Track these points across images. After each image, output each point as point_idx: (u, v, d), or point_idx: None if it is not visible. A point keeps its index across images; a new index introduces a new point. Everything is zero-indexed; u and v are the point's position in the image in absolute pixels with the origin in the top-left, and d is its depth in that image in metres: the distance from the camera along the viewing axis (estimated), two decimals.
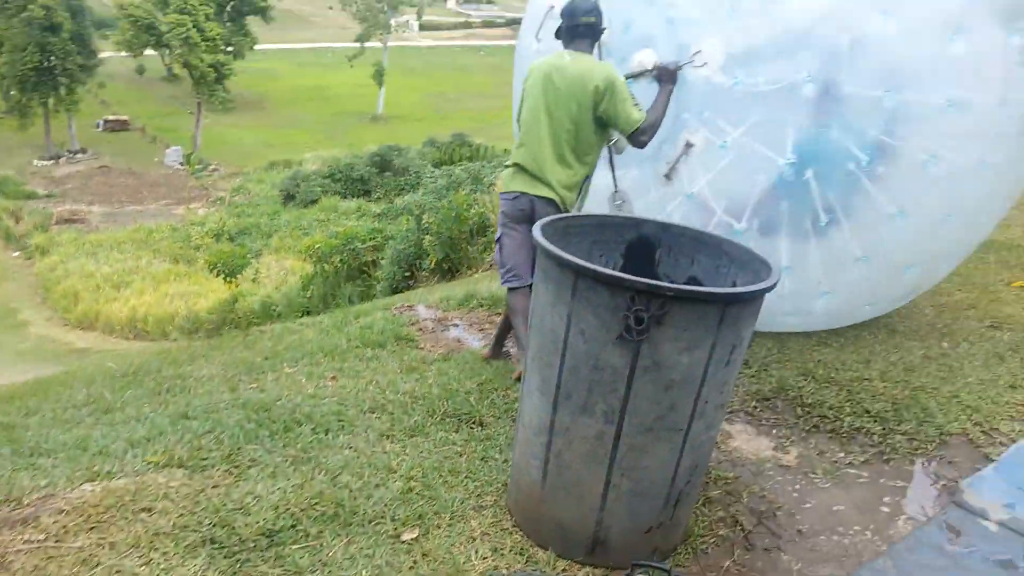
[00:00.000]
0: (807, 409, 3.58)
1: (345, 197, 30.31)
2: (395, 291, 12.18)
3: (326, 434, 3.30)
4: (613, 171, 3.92)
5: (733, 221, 3.73)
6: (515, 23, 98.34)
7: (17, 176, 40.03)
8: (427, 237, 10.99)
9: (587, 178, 3.74)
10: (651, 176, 3.96)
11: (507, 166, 3.84)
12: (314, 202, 30.28)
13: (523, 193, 3.68)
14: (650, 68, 3.69)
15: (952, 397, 3.71)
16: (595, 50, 3.75)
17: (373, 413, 3.52)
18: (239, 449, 3.13)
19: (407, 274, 12.34)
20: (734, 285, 2.47)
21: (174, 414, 3.79)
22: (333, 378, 4.22)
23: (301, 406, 3.64)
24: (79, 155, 44.81)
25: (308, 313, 14.99)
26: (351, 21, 64.04)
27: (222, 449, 3.12)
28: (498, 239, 3.87)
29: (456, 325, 5.23)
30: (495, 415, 3.39)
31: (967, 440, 3.37)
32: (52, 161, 43.41)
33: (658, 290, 2.05)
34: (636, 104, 3.51)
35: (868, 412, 3.54)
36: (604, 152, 3.82)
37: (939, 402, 3.64)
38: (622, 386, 2.16)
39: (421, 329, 5.21)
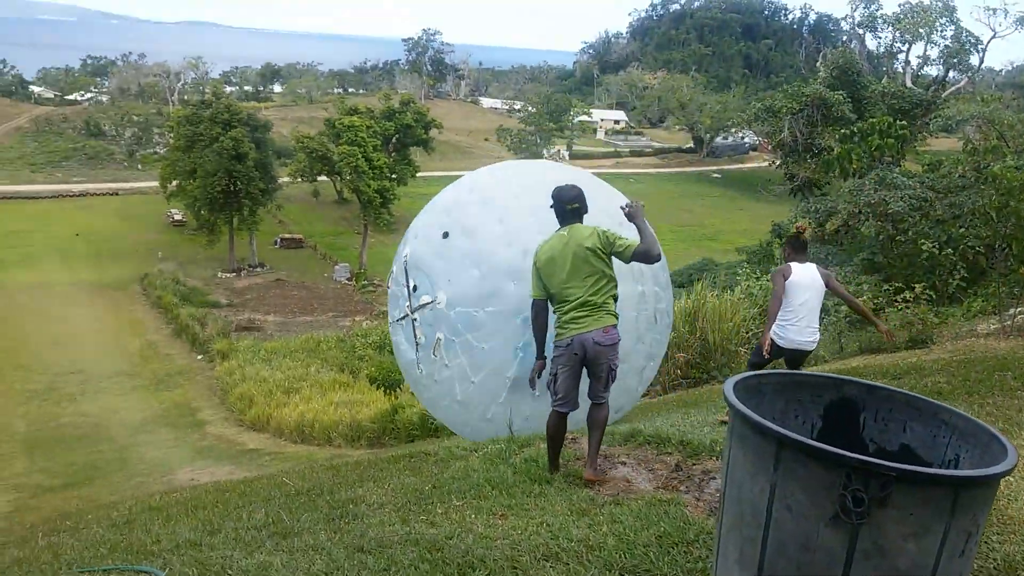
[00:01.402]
0: None
1: None
2: None
3: None
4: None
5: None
6: (662, 152, 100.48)
7: (203, 287, 43.90)
8: None
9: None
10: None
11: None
12: None
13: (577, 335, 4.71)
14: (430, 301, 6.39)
15: None
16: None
17: (547, 562, 3.42)
18: None
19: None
20: (957, 459, 2.26)
21: (350, 546, 3.84)
22: (502, 516, 4.18)
23: (473, 548, 3.60)
24: (258, 269, 48.69)
25: None
26: (506, 151, 67.43)
27: None
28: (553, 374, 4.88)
29: (624, 463, 5.09)
30: None
31: None
32: (234, 274, 47.38)
33: (879, 468, 1.90)
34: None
35: None
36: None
37: None
38: (839, 571, 1.98)
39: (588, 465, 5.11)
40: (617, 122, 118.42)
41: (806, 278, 6.10)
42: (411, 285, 6.68)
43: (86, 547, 4.84)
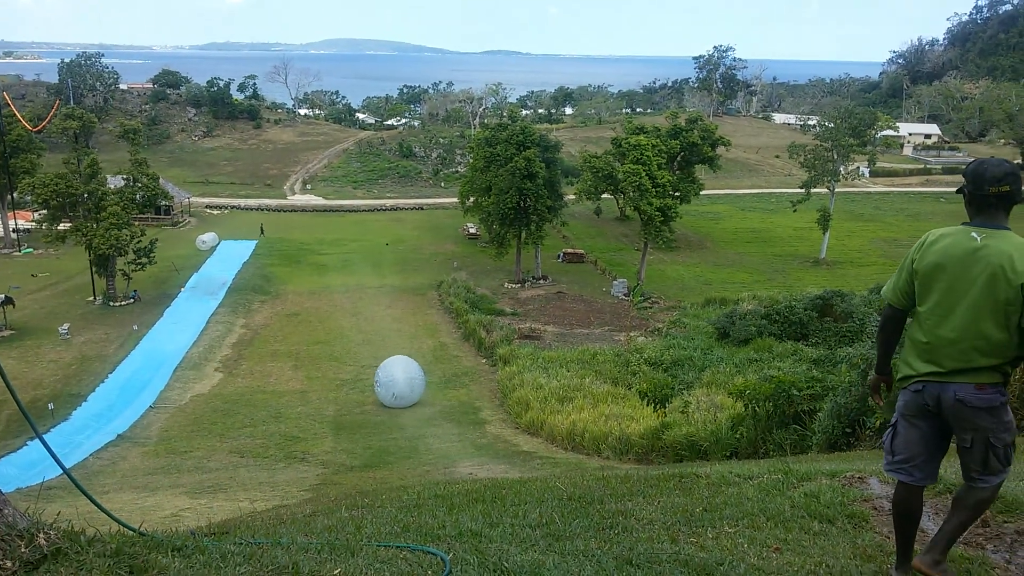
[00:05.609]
0: None
1: (781, 339, 29.62)
2: (833, 447, 11.38)
3: None
4: None
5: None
6: None
7: (491, 295, 46.75)
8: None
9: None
10: None
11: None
12: (747, 341, 30.07)
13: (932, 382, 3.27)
14: None
15: None
16: None
17: None
18: None
19: (848, 430, 11.50)
20: None
21: (619, 557, 3.89)
22: (776, 549, 4.00)
23: None
24: (541, 281, 50.88)
25: (736, 454, 14.69)
26: (797, 169, 64.42)
27: None
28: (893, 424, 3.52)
29: None
30: None
31: None
32: (519, 285, 49.95)
33: None
34: None
35: None
36: None
37: None
38: None
39: (875, 508, 4.72)
40: (928, 136, 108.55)
41: None
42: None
43: (382, 523, 5.36)
